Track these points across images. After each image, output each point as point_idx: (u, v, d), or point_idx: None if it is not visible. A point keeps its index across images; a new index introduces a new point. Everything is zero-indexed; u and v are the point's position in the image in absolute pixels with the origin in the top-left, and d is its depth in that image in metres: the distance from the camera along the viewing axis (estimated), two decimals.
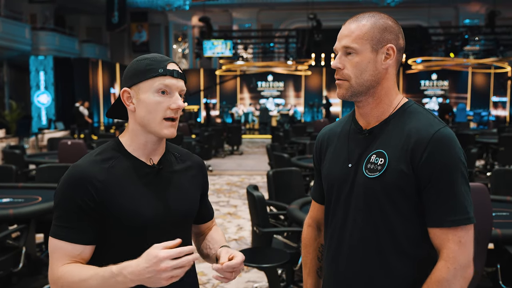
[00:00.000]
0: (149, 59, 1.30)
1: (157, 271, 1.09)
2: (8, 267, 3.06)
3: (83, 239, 1.23)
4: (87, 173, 1.24)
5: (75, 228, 1.23)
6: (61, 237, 1.22)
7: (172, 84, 1.28)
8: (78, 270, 1.20)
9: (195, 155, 1.50)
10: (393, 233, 1.27)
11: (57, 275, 1.21)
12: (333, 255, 1.38)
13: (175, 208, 1.33)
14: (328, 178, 1.41)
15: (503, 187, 3.98)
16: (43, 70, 17.38)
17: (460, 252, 1.21)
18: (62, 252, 1.22)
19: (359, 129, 1.37)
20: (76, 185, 1.23)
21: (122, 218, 1.25)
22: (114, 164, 1.29)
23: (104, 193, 1.24)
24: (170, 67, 1.29)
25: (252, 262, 2.95)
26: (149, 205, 1.28)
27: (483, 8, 20.13)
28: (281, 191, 4.10)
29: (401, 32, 1.34)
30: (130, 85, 1.29)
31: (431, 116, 1.30)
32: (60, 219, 1.24)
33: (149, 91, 1.27)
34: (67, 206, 1.23)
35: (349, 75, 1.31)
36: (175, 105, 1.27)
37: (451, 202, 1.22)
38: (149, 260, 1.10)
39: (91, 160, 1.29)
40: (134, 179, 1.29)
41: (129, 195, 1.26)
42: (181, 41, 23.04)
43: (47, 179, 4.34)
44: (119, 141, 1.34)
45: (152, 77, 1.26)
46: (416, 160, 1.23)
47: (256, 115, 20.13)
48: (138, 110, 1.28)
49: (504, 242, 2.73)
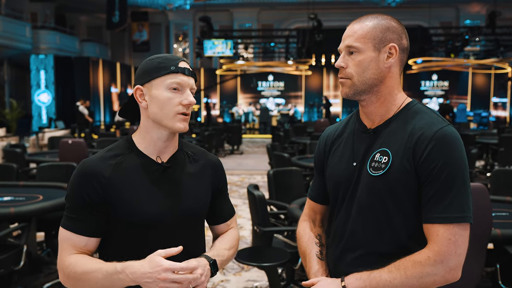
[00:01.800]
0: (161, 58, 1.34)
1: (157, 278, 1.15)
2: (9, 265, 3.07)
3: (88, 231, 1.29)
4: (94, 168, 1.29)
5: (81, 220, 1.28)
6: (68, 228, 1.29)
7: (184, 81, 1.32)
8: (83, 261, 1.25)
9: (211, 155, 1.51)
10: (395, 231, 1.29)
11: (64, 264, 1.27)
12: (336, 253, 1.39)
13: (179, 207, 1.34)
14: (333, 177, 1.42)
15: (503, 188, 3.99)
16: (43, 69, 17.38)
17: (448, 249, 1.20)
18: (69, 242, 1.28)
19: (364, 128, 1.38)
20: (83, 180, 1.28)
21: (125, 214, 1.28)
22: (122, 161, 1.32)
23: (109, 188, 1.28)
24: (181, 65, 1.33)
25: (252, 261, 2.96)
26: (153, 202, 1.30)
27: (484, 9, 20.13)
28: (281, 191, 4.11)
29: (404, 32, 1.35)
30: (143, 83, 1.33)
31: (435, 115, 1.32)
32: (69, 210, 1.30)
33: (161, 88, 1.31)
34: (75, 199, 1.29)
35: (352, 73, 1.33)
36: (186, 101, 1.31)
37: (446, 200, 1.22)
38: (152, 266, 1.15)
39: (101, 156, 1.33)
40: (140, 176, 1.32)
41: (134, 192, 1.29)
42: (182, 41, 23.04)
43: (48, 178, 4.35)
44: (131, 138, 1.38)
45: (164, 74, 1.31)
46: (417, 157, 1.24)
47: (256, 115, 20.14)
48: (151, 107, 1.32)
49: (504, 242, 2.74)
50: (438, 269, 1.20)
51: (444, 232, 1.21)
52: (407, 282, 1.21)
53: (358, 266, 1.32)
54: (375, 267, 1.28)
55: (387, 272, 1.23)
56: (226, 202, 1.54)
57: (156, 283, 1.15)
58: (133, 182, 1.30)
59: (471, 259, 2.58)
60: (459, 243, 1.21)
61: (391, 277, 1.22)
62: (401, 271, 1.22)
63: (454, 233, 1.21)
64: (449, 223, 1.21)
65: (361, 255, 1.33)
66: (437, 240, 1.21)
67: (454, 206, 1.22)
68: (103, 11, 19.44)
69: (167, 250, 1.19)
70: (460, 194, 1.23)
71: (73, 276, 1.25)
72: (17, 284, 3.41)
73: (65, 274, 1.27)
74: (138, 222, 1.28)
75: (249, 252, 3.21)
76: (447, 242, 1.20)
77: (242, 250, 3.17)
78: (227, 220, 1.54)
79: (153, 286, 1.16)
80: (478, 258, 2.57)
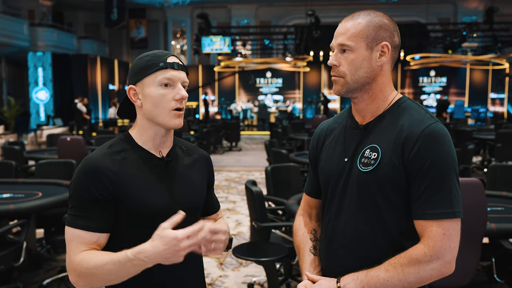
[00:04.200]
0: (150, 55, 1.35)
1: (177, 250, 1.15)
2: (9, 262, 3.08)
3: (98, 228, 1.28)
4: (102, 164, 1.29)
5: (91, 217, 1.27)
6: (78, 226, 1.27)
7: (174, 76, 1.33)
8: (93, 256, 1.24)
9: (201, 149, 1.55)
10: (385, 227, 1.30)
11: (74, 263, 1.25)
12: (326, 248, 1.41)
13: (184, 199, 1.37)
14: (325, 172, 1.44)
15: (499, 183, 4.01)
16: (41, 66, 17.35)
17: (442, 244, 1.22)
18: (79, 241, 1.27)
19: (355, 124, 1.40)
20: (92, 176, 1.28)
21: (134, 208, 1.30)
22: (126, 156, 1.34)
23: (118, 184, 1.29)
24: (170, 60, 1.34)
25: (250, 256, 2.99)
26: (159, 195, 1.33)
27: (482, 5, 20.14)
28: (279, 187, 4.13)
29: (396, 30, 1.36)
30: (135, 82, 1.35)
31: (423, 111, 1.33)
32: (75, 209, 1.28)
33: (152, 85, 1.32)
34: (83, 196, 1.27)
35: (345, 72, 1.34)
36: (179, 95, 1.32)
37: (437, 197, 1.24)
38: (168, 242, 1.14)
39: (104, 152, 1.33)
40: (145, 171, 1.34)
41: (141, 186, 1.31)
42: (180, 38, 23.01)
43: (47, 175, 4.37)
44: (129, 134, 1.40)
45: (154, 71, 1.32)
46: (406, 155, 1.26)
47: (254, 112, 20.14)
48: (145, 105, 1.34)
49: (499, 236, 2.76)
50: (434, 264, 1.22)
51: (437, 227, 1.23)
52: (405, 279, 1.23)
53: (350, 262, 1.34)
54: (367, 263, 1.29)
55: (384, 271, 1.24)
56: (214, 194, 1.60)
57: (178, 255, 1.15)
58: (139, 176, 1.32)
59: (467, 253, 2.61)
60: (452, 237, 1.23)
61: (388, 276, 1.23)
62: (397, 269, 1.23)
63: (448, 228, 1.23)
64: (442, 218, 1.23)
65: (352, 251, 1.34)
66: (432, 236, 1.23)
67: (445, 202, 1.24)
68: (101, 8, 19.42)
69: (172, 220, 1.17)
70: (449, 190, 1.24)
71: (85, 272, 1.23)
72: (17, 281, 3.43)
73: (77, 272, 1.25)
74: (147, 215, 1.30)
75: (247, 248, 3.23)
76: (441, 237, 1.22)
77: (240, 245, 3.19)
78: (217, 210, 1.60)
79: (175, 258, 1.16)
80: (474, 252, 2.59)
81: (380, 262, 1.28)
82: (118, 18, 19.11)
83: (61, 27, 19.04)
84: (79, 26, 22.16)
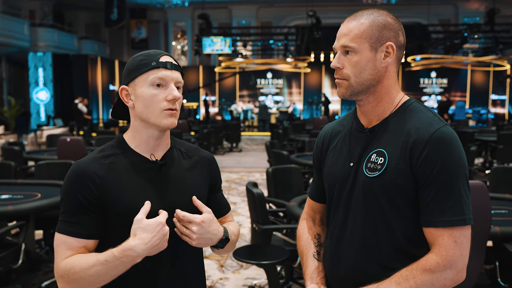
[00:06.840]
0: (143, 55, 1.31)
1: (164, 234, 1.20)
2: (8, 263, 3.06)
3: (85, 233, 1.26)
4: (88, 169, 1.27)
5: (78, 223, 1.25)
6: (65, 232, 1.25)
7: (166, 76, 1.28)
8: (79, 259, 1.22)
9: (204, 151, 1.49)
10: (392, 233, 1.26)
11: (60, 270, 1.23)
12: (332, 254, 1.38)
13: (175, 203, 1.32)
14: (330, 177, 1.40)
15: (502, 185, 3.99)
16: (41, 66, 17.35)
17: (455, 253, 1.19)
18: (65, 246, 1.25)
19: (361, 127, 1.36)
20: (78, 182, 1.26)
21: (122, 212, 1.26)
22: (116, 160, 1.31)
23: (104, 188, 1.26)
24: (163, 59, 1.29)
25: (251, 259, 2.96)
26: (148, 200, 1.28)
27: (483, 6, 20.11)
28: (280, 189, 4.10)
29: (401, 29, 1.31)
30: (127, 82, 1.31)
31: (432, 114, 1.29)
32: (64, 215, 1.27)
33: (144, 86, 1.28)
34: (70, 202, 1.26)
35: (348, 74, 1.30)
36: (171, 96, 1.28)
37: (447, 203, 1.20)
38: (154, 228, 1.18)
39: (93, 157, 1.31)
40: (135, 175, 1.30)
41: (129, 191, 1.28)
42: (180, 38, 23.00)
43: (47, 176, 4.35)
44: (122, 138, 1.36)
45: (146, 71, 1.28)
46: (414, 160, 1.22)
47: (255, 112, 20.13)
48: (137, 106, 1.30)
49: (503, 239, 2.73)
50: (447, 274, 1.19)
51: (449, 236, 1.19)
52: None
53: (355, 269, 1.31)
54: (373, 270, 1.26)
55: (395, 284, 1.20)
56: (223, 197, 1.53)
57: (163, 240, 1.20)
58: (128, 181, 1.28)
59: (471, 257, 2.58)
60: (464, 244, 1.20)
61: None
62: (410, 281, 1.19)
63: (459, 236, 1.19)
64: (453, 226, 1.19)
65: (358, 258, 1.31)
66: (444, 245, 1.19)
67: (455, 208, 1.20)
68: (101, 8, 19.42)
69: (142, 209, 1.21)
70: (460, 196, 1.21)
71: (72, 277, 1.21)
72: (15, 282, 3.40)
73: (64, 279, 1.22)
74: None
75: (248, 250, 3.21)
76: (453, 245, 1.19)
77: (241, 248, 3.16)
78: (225, 214, 1.53)
79: (162, 244, 1.20)
80: (477, 255, 2.56)
81: (387, 269, 1.25)
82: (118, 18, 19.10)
83: (61, 27, 19.06)
84: (80, 26, 22.17)
